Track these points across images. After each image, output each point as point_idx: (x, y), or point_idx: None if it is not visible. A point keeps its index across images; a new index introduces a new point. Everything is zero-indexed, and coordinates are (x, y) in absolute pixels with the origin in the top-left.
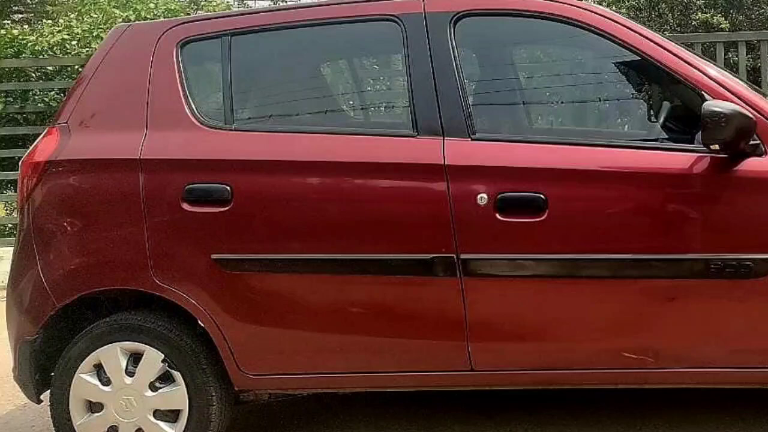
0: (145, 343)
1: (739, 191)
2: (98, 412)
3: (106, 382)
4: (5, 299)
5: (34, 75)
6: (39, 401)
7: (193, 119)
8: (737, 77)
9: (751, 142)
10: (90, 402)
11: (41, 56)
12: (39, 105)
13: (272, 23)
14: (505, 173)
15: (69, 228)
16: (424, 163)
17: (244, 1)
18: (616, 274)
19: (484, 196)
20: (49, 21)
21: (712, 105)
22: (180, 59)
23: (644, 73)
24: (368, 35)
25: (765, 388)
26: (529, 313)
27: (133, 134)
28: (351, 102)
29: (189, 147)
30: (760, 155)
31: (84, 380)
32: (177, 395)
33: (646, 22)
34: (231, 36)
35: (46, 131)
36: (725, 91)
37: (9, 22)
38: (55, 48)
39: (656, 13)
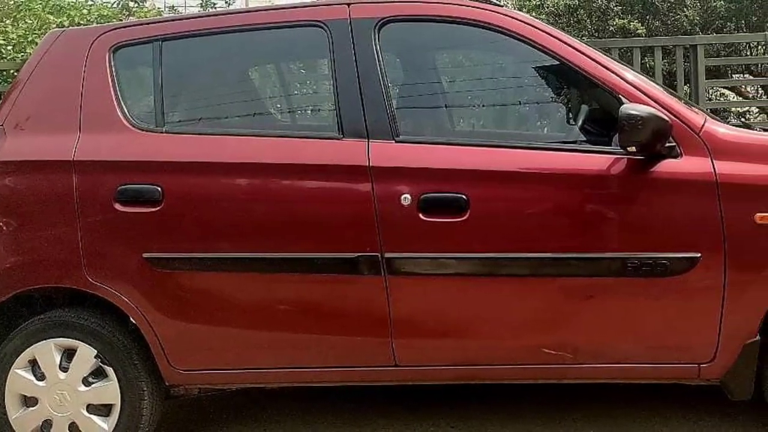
0: (79, 340)
1: (655, 192)
2: (33, 406)
3: (41, 377)
4: None
5: None
6: None
7: (125, 122)
8: (653, 81)
9: (667, 145)
10: (25, 397)
11: None
12: None
13: (202, 29)
14: (427, 174)
15: (4, 228)
16: (349, 164)
17: (175, 8)
18: (536, 272)
19: (408, 196)
20: None
21: (629, 108)
22: (112, 64)
23: (563, 77)
24: (295, 41)
25: (680, 382)
26: (451, 311)
27: (67, 136)
28: (278, 105)
29: (121, 149)
30: (675, 157)
31: (19, 375)
32: (109, 390)
33: (565, 28)
34: (162, 41)
35: None
36: (642, 95)
37: None
38: None
39: (575, 19)
